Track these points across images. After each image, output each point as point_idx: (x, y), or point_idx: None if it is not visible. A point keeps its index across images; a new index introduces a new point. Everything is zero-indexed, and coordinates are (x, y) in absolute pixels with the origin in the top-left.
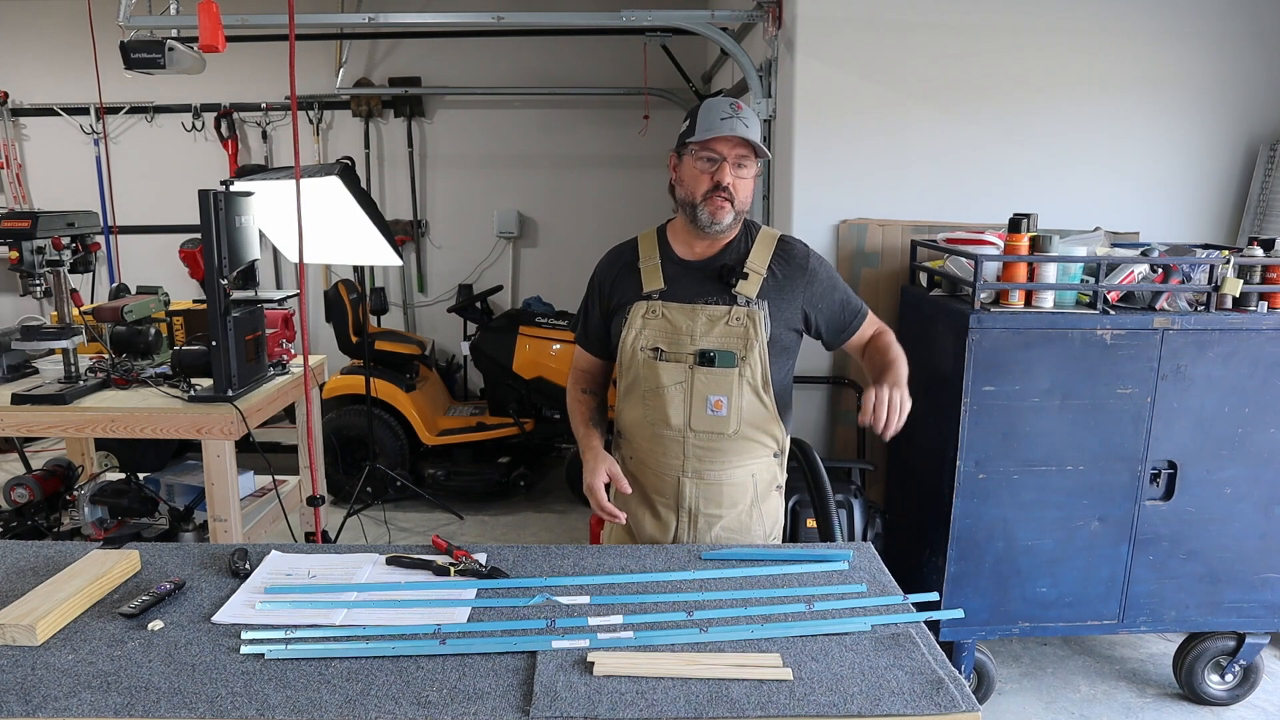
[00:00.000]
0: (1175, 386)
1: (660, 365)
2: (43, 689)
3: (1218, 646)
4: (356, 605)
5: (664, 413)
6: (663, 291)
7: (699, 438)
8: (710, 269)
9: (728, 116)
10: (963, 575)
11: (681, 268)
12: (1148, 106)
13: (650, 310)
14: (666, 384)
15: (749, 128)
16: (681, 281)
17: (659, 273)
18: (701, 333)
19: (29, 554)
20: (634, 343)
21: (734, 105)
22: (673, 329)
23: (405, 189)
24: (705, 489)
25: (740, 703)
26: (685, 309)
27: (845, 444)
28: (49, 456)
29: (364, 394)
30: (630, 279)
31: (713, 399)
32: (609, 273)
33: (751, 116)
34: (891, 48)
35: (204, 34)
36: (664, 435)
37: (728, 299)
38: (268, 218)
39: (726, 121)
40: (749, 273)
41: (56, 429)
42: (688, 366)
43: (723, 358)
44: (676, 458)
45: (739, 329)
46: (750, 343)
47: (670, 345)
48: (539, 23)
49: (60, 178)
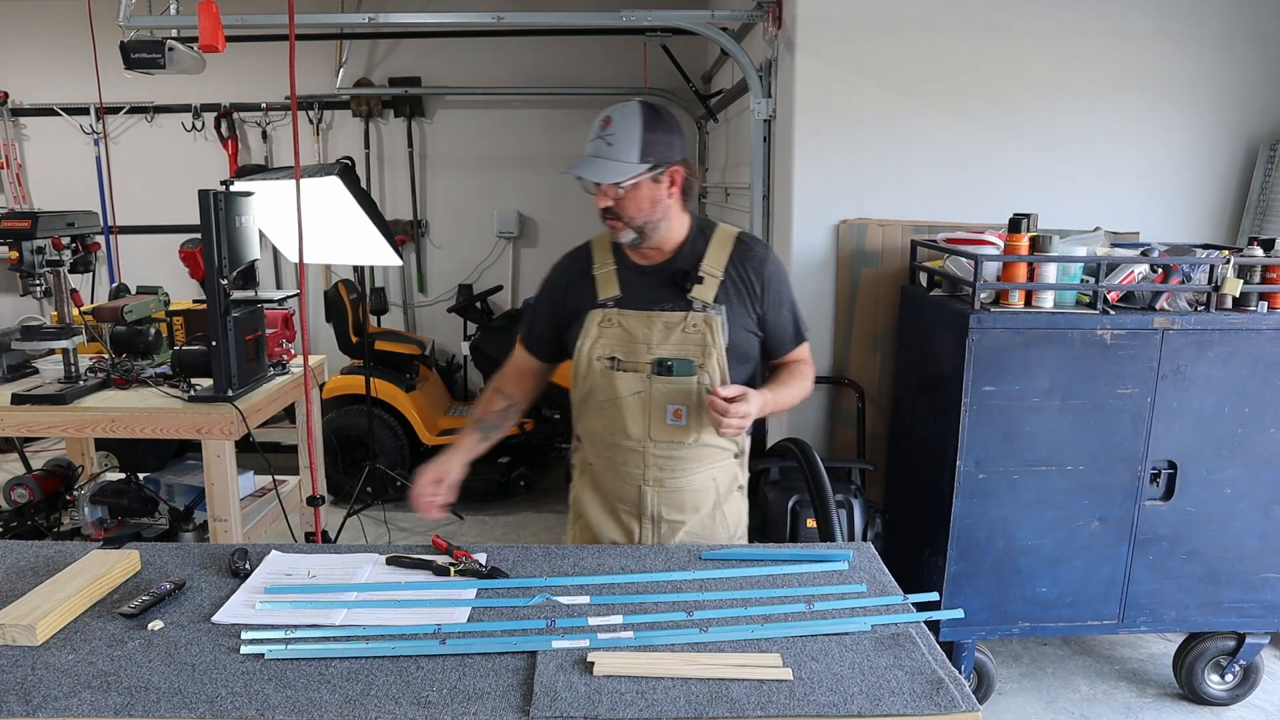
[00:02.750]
0: (1175, 386)
1: (617, 375)
2: (43, 689)
3: (1218, 646)
4: (356, 605)
5: (622, 423)
6: (618, 299)
7: (659, 447)
8: (665, 274)
9: (594, 139)
10: (963, 575)
11: (637, 273)
12: (1148, 106)
13: (606, 318)
14: (624, 394)
15: (612, 146)
16: (637, 288)
17: (614, 279)
18: (658, 341)
19: (29, 554)
20: (590, 352)
21: (603, 123)
22: (629, 337)
23: (405, 189)
24: (667, 495)
25: (740, 703)
26: (641, 316)
27: (845, 444)
28: (49, 456)
29: (364, 394)
30: (585, 285)
31: (672, 409)
32: (563, 278)
33: (622, 132)
34: (891, 48)
35: (204, 34)
36: (623, 445)
37: (683, 304)
38: (268, 218)
39: (589, 151)
40: (704, 276)
41: (56, 429)
42: (645, 376)
43: (680, 366)
44: (637, 467)
45: (696, 336)
46: (708, 350)
47: (627, 355)
48: (539, 23)
49: (60, 178)
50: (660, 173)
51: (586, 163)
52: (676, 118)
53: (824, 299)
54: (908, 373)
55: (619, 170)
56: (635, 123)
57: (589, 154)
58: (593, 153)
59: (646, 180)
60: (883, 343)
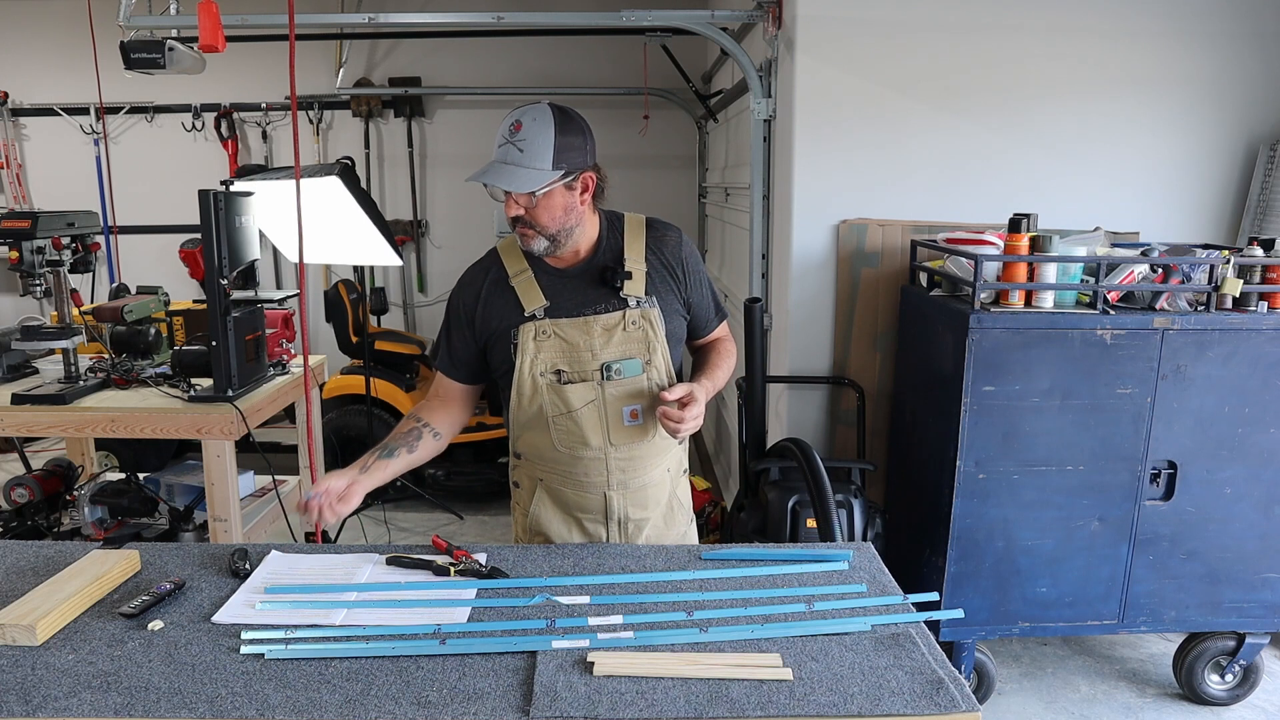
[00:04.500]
0: (1175, 386)
1: (567, 389)
2: (43, 689)
3: (1218, 646)
4: (356, 605)
5: (580, 435)
6: (547, 308)
7: (619, 450)
8: (590, 273)
9: (503, 144)
10: (963, 575)
11: (558, 278)
12: (1148, 106)
13: (540, 331)
14: (577, 406)
15: (523, 152)
16: (564, 293)
17: (535, 287)
18: (600, 345)
19: (29, 554)
20: (531, 369)
21: (512, 128)
22: (570, 347)
23: (405, 189)
24: (631, 495)
25: (740, 703)
26: (577, 323)
27: (845, 444)
28: (49, 456)
29: (364, 394)
30: (504, 298)
31: (628, 410)
32: (473, 295)
33: (533, 137)
34: (891, 48)
35: (204, 34)
36: (583, 457)
37: (617, 303)
38: (268, 218)
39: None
40: (632, 270)
41: (56, 429)
42: (595, 384)
43: (629, 367)
44: (600, 475)
45: (638, 333)
46: (652, 344)
47: (572, 365)
48: (539, 23)
49: (60, 178)
50: (573, 179)
51: (495, 169)
52: (587, 120)
53: (824, 299)
54: (908, 373)
55: (531, 178)
56: (547, 128)
57: (496, 159)
58: (501, 158)
59: (559, 188)
60: (883, 343)
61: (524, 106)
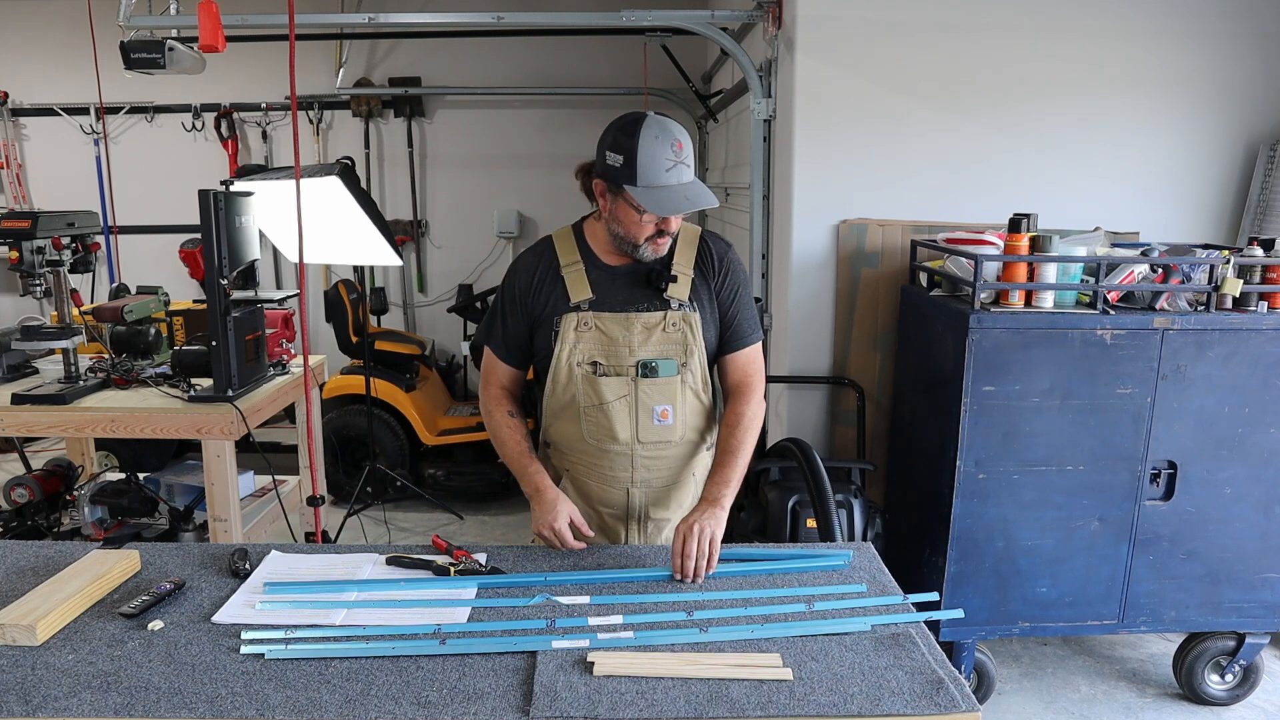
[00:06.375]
0: (1175, 386)
1: (601, 380)
2: (43, 689)
3: (1218, 646)
4: (356, 605)
5: (609, 428)
6: (592, 301)
7: (646, 449)
8: (638, 273)
9: (672, 166)
10: (963, 575)
11: (607, 273)
12: (1148, 106)
13: (582, 322)
14: (610, 399)
15: (690, 168)
16: (610, 289)
17: (584, 280)
18: (639, 343)
19: (29, 554)
20: (569, 358)
21: (674, 147)
22: (609, 341)
23: (405, 189)
24: (654, 495)
25: (740, 703)
26: (619, 318)
27: (845, 444)
28: (49, 456)
29: (364, 394)
30: (554, 286)
31: (658, 409)
32: (529, 279)
33: (689, 152)
34: (891, 48)
35: (204, 34)
36: (610, 450)
37: (660, 304)
38: (268, 218)
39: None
40: (678, 275)
41: (56, 429)
42: (630, 379)
43: (665, 367)
44: (625, 470)
45: (677, 335)
46: (690, 348)
47: (609, 359)
48: (539, 23)
49: (60, 178)
50: None
51: (695, 192)
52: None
53: (824, 299)
54: (908, 373)
55: (711, 193)
56: (689, 139)
57: (674, 181)
58: (679, 179)
59: None
60: (883, 343)
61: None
